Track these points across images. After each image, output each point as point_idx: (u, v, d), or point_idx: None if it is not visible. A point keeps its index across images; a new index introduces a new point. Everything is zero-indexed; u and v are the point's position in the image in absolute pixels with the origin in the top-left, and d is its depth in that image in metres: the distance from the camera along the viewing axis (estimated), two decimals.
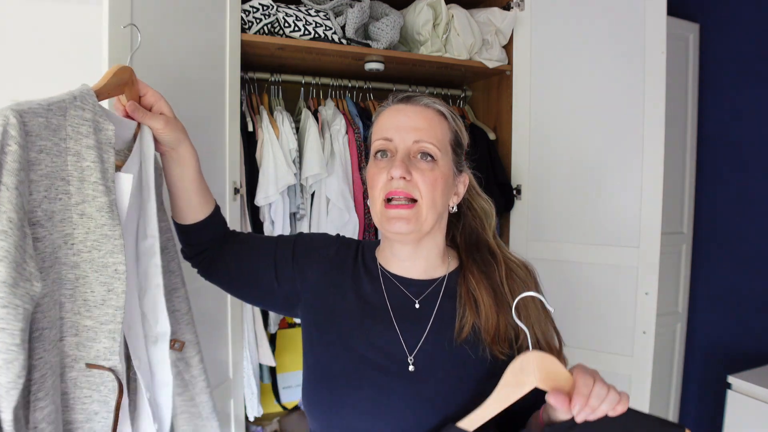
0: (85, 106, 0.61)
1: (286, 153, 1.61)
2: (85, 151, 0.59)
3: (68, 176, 0.58)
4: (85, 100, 0.62)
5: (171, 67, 1.15)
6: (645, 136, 1.58)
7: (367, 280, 0.84)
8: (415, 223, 0.75)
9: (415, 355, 0.76)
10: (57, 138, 0.57)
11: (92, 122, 0.61)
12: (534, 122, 1.81)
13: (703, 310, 2.10)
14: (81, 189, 0.58)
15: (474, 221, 0.88)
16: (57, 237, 0.57)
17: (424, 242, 0.81)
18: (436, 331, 0.77)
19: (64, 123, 0.58)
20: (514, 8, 1.79)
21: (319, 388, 0.77)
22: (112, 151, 0.62)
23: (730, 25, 1.96)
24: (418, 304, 0.80)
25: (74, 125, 0.59)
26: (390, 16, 1.66)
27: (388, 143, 0.77)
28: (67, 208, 0.57)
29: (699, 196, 2.09)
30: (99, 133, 0.61)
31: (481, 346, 0.76)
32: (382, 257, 0.86)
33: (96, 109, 0.62)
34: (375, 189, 0.77)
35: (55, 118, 0.57)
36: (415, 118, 0.78)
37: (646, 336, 1.60)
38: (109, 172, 0.61)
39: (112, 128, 0.63)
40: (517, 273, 0.82)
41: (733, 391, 1.61)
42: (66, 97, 0.60)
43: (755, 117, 1.89)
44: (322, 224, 1.69)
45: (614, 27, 1.63)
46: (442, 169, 0.77)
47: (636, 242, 1.60)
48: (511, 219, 1.87)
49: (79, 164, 0.58)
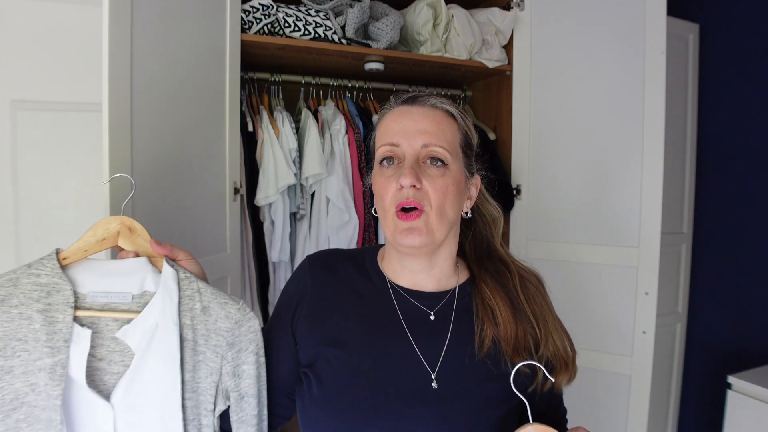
0: (41, 272, 0.67)
1: (286, 153, 1.61)
2: (36, 315, 0.65)
3: (24, 336, 0.64)
4: (42, 265, 0.67)
5: (171, 67, 1.15)
6: (645, 136, 1.58)
7: (371, 295, 0.78)
8: (426, 235, 0.70)
9: (438, 371, 0.71)
10: (6, 306, 0.65)
11: (46, 286, 0.66)
12: (534, 122, 1.81)
13: (703, 310, 2.09)
14: (36, 347, 0.65)
15: (484, 228, 0.84)
16: (21, 386, 0.64)
17: (439, 252, 0.76)
18: (455, 346, 0.73)
19: (15, 292, 0.65)
20: (514, 8, 1.79)
21: (330, 421, 0.70)
22: (69, 311, 0.66)
23: (730, 25, 1.96)
24: (433, 316, 0.75)
25: (26, 292, 0.65)
26: (390, 16, 1.66)
27: (395, 149, 0.72)
28: (28, 363, 0.64)
29: (699, 196, 2.09)
30: (53, 296, 0.66)
31: (502, 360, 0.72)
32: (390, 269, 0.80)
33: (55, 272, 0.67)
34: (384, 200, 0.72)
35: (2, 290, 0.65)
36: (423, 121, 0.72)
37: (646, 336, 1.59)
38: (60, 333, 0.65)
39: (70, 288, 0.66)
40: (530, 280, 0.79)
41: (733, 391, 1.61)
42: (20, 268, 0.67)
43: (755, 117, 1.89)
44: (322, 224, 1.69)
45: (614, 27, 1.63)
46: (454, 174, 0.72)
47: (636, 242, 1.60)
48: (511, 219, 1.87)
49: (31, 326, 0.65)
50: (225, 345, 0.71)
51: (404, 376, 0.71)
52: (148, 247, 0.73)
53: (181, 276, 0.71)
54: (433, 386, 0.70)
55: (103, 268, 0.70)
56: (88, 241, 0.71)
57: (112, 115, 0.95)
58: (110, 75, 0.94)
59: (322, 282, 0.80)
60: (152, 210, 1.09)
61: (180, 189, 1.21)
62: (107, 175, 0.95)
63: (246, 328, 0.72)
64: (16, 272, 0.67)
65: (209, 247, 1.34)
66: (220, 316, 0.71)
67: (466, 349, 0.73)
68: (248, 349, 0.72)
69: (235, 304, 0.72)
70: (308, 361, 0.76)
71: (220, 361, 0.71)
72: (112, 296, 0.69)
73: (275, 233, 1.63)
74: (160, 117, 1.12)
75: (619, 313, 1.65)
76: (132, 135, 1.01)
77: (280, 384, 0.79)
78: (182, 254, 0.73)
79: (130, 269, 0.70)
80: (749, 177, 1.92)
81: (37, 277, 0.66)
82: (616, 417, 1.65)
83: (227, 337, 0.71)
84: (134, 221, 0.73)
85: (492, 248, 0.83)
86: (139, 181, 1.04)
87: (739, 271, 1.95)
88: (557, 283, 1.37)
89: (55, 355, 0.64)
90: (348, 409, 0.70)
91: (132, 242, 0.73)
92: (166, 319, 0.68)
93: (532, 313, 0.75)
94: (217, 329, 0.71)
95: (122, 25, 0.96)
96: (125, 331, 0.68)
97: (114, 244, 0.72)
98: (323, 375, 0.73)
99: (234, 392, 0.72)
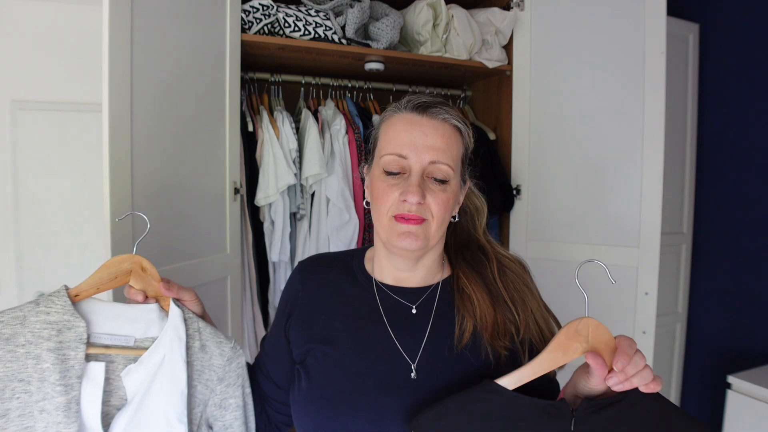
0: (51, 309, 0.67)
1: (286, 153, 1.61)
2: (45, 354, 0.65)
3: (28, 377, 0.64)
4: (52, 302, 0.67)
5: (171, 67, 1.15)
6: (645, 136, 1.58)
7: (356, 294, 0.81)
8: (423, 240, 0.73)
9: (418, 362, 0.73)
10: (12, 345, 0.64)
11: (57, 324, 0.66)
12: (534, 122, 1.81)
13: (703, 310, 2.10)
14: (41, 388, 0.64)
15: (466, 220, 0.86)
16: (16, 430, 0.63)
17: (426, 254, 0.79)
18: (436, 338, 0.75)
19: (22, 330, 0.65)
20: (514, 8, 1.79)
21: (314, 412, 0.74)
22: (81, 347, 0.66)
23: (730, 25, 1.97)
24: (414, 310, 0.78)
25: (35, 331, 0.65)
26: (390, 16, 1.66)
27: (402, 161, 0.73)
28: (27, 405, 0.64)
29: (699, 196, 2.09)
30: (65, 333, 0.66)
31: (483, 351, 0.74)
32: (377, 266, 0.82)
33: (66, 309, 0.67)
34: (383, 205, 0.74)
35: (8, 329, 0.65)
36: (433, 136, 0.73)
37: (646, 336, 1.59)
38: (72, 370, 0.66)
39: (83, 325, 0.67)
40: (511, 268, 0.80)
41: (733, 391, 1.61)
42: (27, 305, 0.67)
43: (755, 117, 1.89)
44: (322, 224, 1.69)
45: (614, 27, 1.63)
46: (453, 188, 0.75)
47: (636, 242, 1.60)
48: (511, 219, 1.87)
49: (39, 366, 0.64)
50: (216, 380, 0.76)
51: (384, 368, 0.74)
52: (156, 287, 0.75)
53: (185, 316, 0.75)
54: (413, 377, 0.72)
55: (113, 311, 0.72)
56: (102, 279, 0.72)
57: (112, 115, 0.95)
58: (110, 75, 0.94)
59: (312, 286, 0.84)
60: (152, 210, 1.09)
61: (180, 189, 1.21)
62: (107, 176, 0.95)
63: (235, 365, 0.78)
64: (22, 310, 0.67)
65: (209, 247, 1.34)
66: (215, 353, 0.76)
67: (446, 341, 0.75)
68: (236, 383, 0.78)
69: (229, 343, 0.78)
70: (299, 359, 0.80)
71: (209, 393, 0.76)
72: (116, 339, 0.71)
73: (275, 233, 1.63)
74: (160, 117, 1.12)
75: (620, 313, 1.65)
76: (132, 135, 1.01)
77: (284, 385, 0.83)
78: (187, 295, 0.77)
79: (138, 316, 0.73)
80: (749, 177, 1.92)
81: (46, 315, 0.66)
82: None
83: (219, 373, 0.76)
84: (146, 260, 0.75)
85: (471, 238, 0.85)
86: (139, 181, 1.05)
87: (739, 271, 1.95)
88: (557, 283, 1.37)
89: (69, 392, 0.65)
90: (330, 400, 0.73)
91: (143, 281, 0.74)
92: (174, 355, 0.71)
93: (510, 298, 0.76)
94: (211, 365, 0.75)
95: (122, 25, 0.97)
96: (129, 370, 0.70)
97: (125, 282, 0.74)
98: (311, 370, 0.76)
99: (218, 422, 0.77)
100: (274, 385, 0.85)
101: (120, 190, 0.98)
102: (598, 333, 0.64)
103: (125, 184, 1.00)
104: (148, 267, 0.75)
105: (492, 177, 1.82)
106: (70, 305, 0.68)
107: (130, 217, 1.01)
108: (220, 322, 1.39)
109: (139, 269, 0.74)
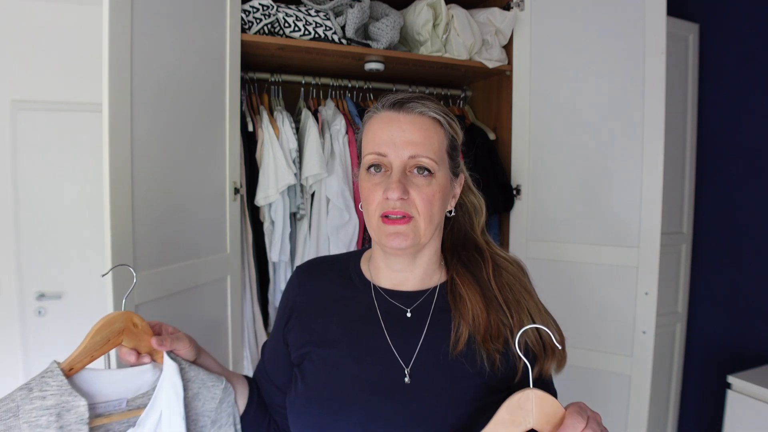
0: (46, 392, 0.63)
1: (286, 153, 1.62)
2: None
3: None
4: (47, 384, 0.63)
5: (171, 67, 1.15)
6: (645, 136, 1.58)
7: (353, 297, 0.81)
8: (413, 238, 0.72)
9: (411, 367, 0.73)
10: None
11: (55, 407, 0.62)
12: (534, 122, 1.81)
13: (703, 310, 2.10)
14: None
15: (463, 219, 0.85)
16: None
17: (423, 252, 0.78)
18: (431, 343, 0.74)
19: (16, 423, 0.61)
20: (514, 8, 1.79)
21: (309, 414, 0.74)
22: (84, 428, 0.64)
23: (730, 25, 1.97)
24: (409, 313, 0.77)
25: (30, 420, 0.61)
26: (390, 16, 1.66)
27: (382, 158, 0.73)
28: None
29: (699, 196, 2.09)
30: (66, 416, 0.63)
31: (478, 357, 0.72)
32: (374, 268, 0.82)
33: (63, 389, 0.64)
34: (370, 205, 0.74)
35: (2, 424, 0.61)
36: (411, 130, 0.72)
37: (646, 336, 1.59)
38: None
39: (84, 403, 0.64)
40: (507, 269, 0.79)
41: (733, 391, 1.62)
42: (18, 393, 0.62)
43: (755, 117, 1.89)
44: (322, 224, 1.69)
45: (614, 27, 1.63)
46: (440, 181, 0.74)
47: (636, 242, 1.60)
48: (511, 219, 1.87)
49: None
50: (209, 423, 0.77)
51: (378, 372, 0.73)
52: (149, 342, 0.73)
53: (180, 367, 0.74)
54: (406, 381, 0.72)
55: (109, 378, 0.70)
56: (95, 345, 0.69)
57: (112, 115, 0.95)
58: (110, 75, 0.94)
59: (309, 290, 0.84)
60: (152, 210, 1.09)
61: (180, 189, 1.21)
62: (107, 176, 0.95)
63: (226, 404, 0.79)
64: (14, 399, 0.62)
65: (209, 247, 1.34)
66: (207, 398, 0.77)
67: (441, 347, 0.74)
68: (228, 422, 0.79)
69: (220, 384, 0.79)
70: (297, 362, 0.80)
71: None
72: (109, 405, 0.69)
73: (275, 233, 1.63)
74: (160, 117, 1.12)
75: (619, 313, 1.65)
76: (132, 135, 1.01)
77: (287, 389, 0.83)
78: (180, 344, 0.76)
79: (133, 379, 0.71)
80: (749, 177, 1.92)
81: (42, 400, 0.62)
82: (616, 417, 1.66)
83: (211, 416, 0.77)
84: (137, 315, 0.73)
85: (469, 238, 0.84)
86: (139, 181, 1.05)
87: (739, 271, 1.95)
88: (557, 283, 1.39)
89: None
90: (324, 403, 0.73)
91: (135, 339, 0.73)
92: (172, 409, 0.70)
93: (504, 300, 0.75)
94: (204, 410, 0.76)
95: (122, 25, 0.97)
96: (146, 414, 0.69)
97: (118, 344, 0.72)
98: (307, 373, 0.77)
99: None
100: (277, 389, 0.85)
101: (120, 191, 0.98)
102: (543, 405, 0.60)
103: (125, 184, 1.00)
104: (139, 322, 0.73)
105: (492, 177, 1.82)
106: (66, 384, 0.64)
107: (130, 212, 1.01)
108: (220, 322, 1.39)
109: (130, 326, 0.72)
